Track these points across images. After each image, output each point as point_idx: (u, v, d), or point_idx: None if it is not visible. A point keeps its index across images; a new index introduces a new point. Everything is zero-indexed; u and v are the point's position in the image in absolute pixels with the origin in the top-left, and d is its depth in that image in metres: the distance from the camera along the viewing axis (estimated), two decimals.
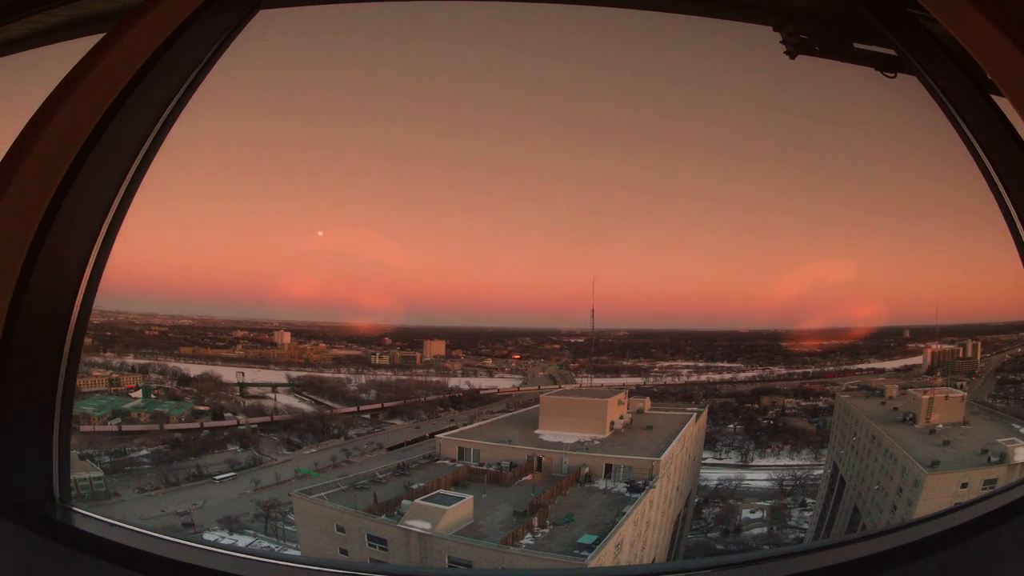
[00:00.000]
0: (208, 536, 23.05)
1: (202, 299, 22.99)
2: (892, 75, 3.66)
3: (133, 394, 22.76)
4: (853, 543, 2.50)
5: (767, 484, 23.66)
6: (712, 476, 22.44)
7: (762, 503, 23.82)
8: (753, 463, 23.16)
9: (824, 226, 24.88)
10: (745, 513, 23.75)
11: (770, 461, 23.20)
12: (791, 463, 23.46)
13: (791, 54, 3.75)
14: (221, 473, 22.06)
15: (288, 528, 21.97)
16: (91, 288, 2.56)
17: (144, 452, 23.17)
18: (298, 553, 20.40)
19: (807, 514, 25.21)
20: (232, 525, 22.89)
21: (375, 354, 20.37)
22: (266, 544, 22.09)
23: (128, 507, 23.84)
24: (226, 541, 22.86)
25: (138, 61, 2.43)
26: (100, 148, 2.41)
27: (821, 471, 24.03)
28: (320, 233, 22.30)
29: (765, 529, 24.15)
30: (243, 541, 22.46)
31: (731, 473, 22.49)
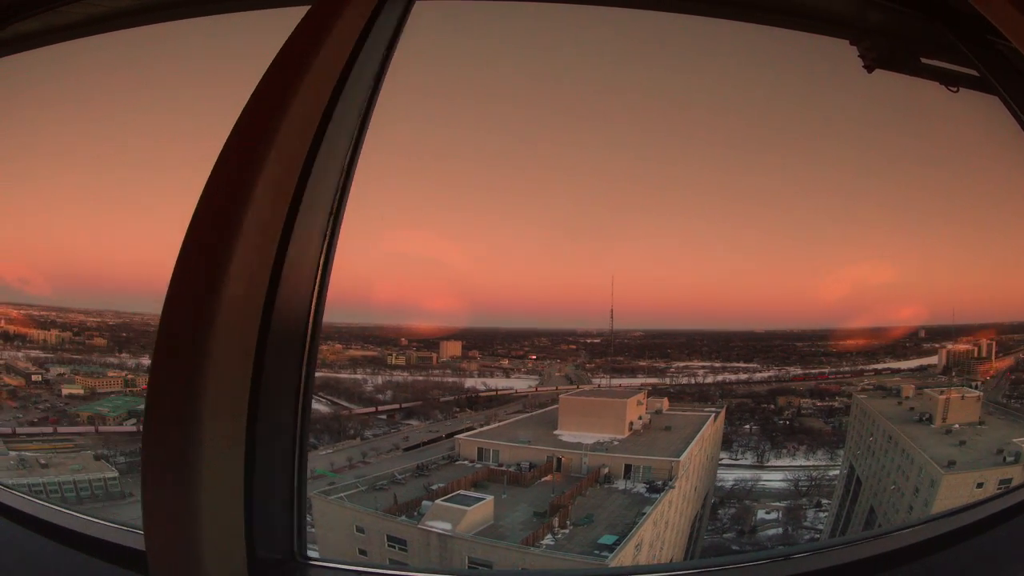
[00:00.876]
0: None
1: None
2: (955, 89, 3.82)
3: None
4: (854, 544, 2.48)
5: (783, 485, 23.57)
6: (728, 476, 22.37)
7: (777, 504, 23.74)
8: (769, 464, 23.07)
9: (841, 226, 24.79)
10: (760, 514, 23.68)
11: (786, 462, 23.10)
12: (806, 464, 23.36)
13: (869, 68, 3.85)
14: None
15: (310, 530, 22.00)
16: (320, 303, 2.42)
17: None
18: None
19: (822, 515, 25.14)
20: None
21: (391, 355, 20.35)
22: None
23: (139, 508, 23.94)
24: None
25: (349, 42, 2.31)
26: (328, 138, 2.31)
27: (837, 471, 23.96)
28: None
29: (780, 530, 24.07)
30: None
31: (747, 474, 22.41)
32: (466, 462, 17.05)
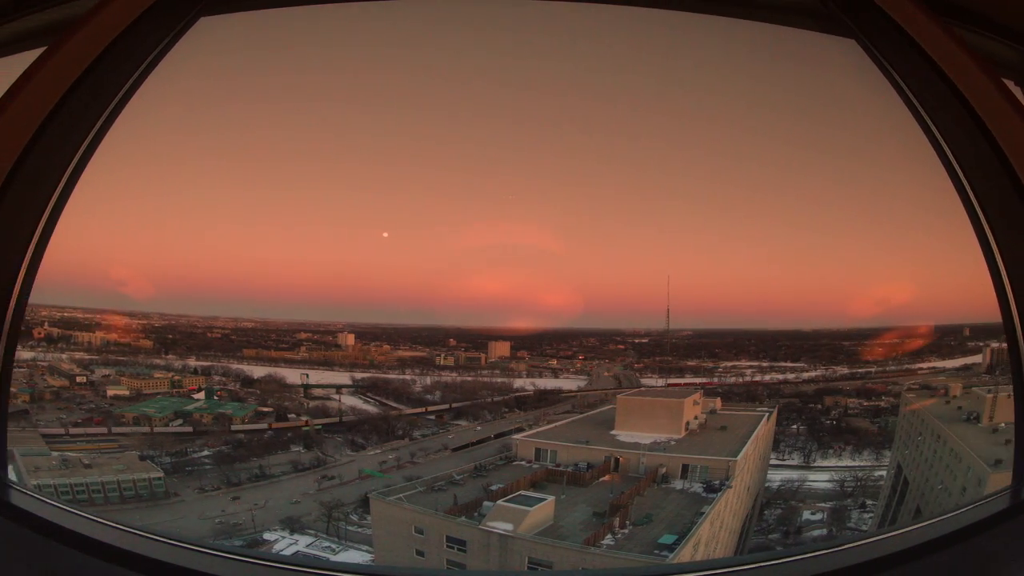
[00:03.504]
0: (268, 536, 23.22)
1: (264, 301, 23.21)
2: None
3: (195, 396, 22.91)
4: (856, 545, 2.43)
5: (829, 485, 23.33)
6: (775, 477, 22.17)
7: (823, 504, 23.51)
8: (815, 464, 22.84)
9: (885, 225, 24.53)
10: (806, 514, 23.46)
11: (832, 462, 22.87)
12: (852, 464, 23.12)
13: None
14: (285, 473, 22.11)
15: (350, 528, 22.01)
16: (23, 295, 2.62)
17: (206, 453, 23.29)
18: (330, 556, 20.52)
19: (866, 516, 24.86)
20: (293, 525, 22.94)
21: (439, 355, 20.33)
22: (327, 544, 22.15)
23: (187, 507, 24.01)
24: (287, 541, 22.96)
25: (75, 72, 2.47)
26: (35, 156, 2.47)
27: (883, 472, 23.69)
28: (385, 234, 22.28)
29: (825, 531, 23.84)
30: (304, 541, 22.54)
31: (794, 474, 22.20)
32: (523, 462, 16.99)
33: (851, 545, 2.38)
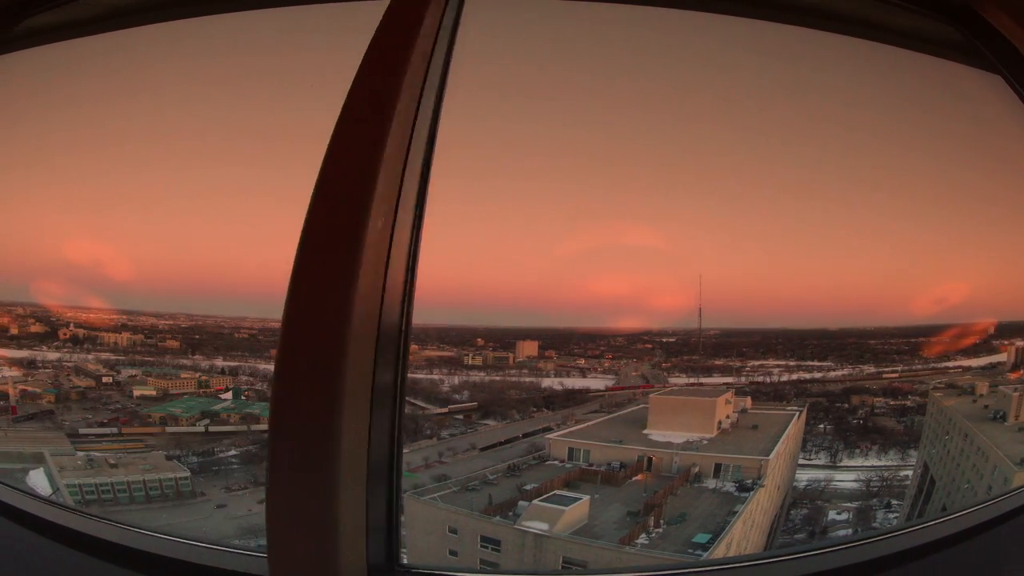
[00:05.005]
0: None
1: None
2: None
3: (223, 396, 23.00)
4: (855, 545, 2.42)
5: (855, 485, 23.24)
6: (801, 476, 22.11)
7: (849, 504, 23.42)
8: (841, 464, 22.76)
9: (912, 222, 24.38)
10: (831, 515, 23.39)
11: (858, 461, 22.78)
12: (879, 464, 23.01)
13: None
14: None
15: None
16: (410, 304, 2.46)
17: (233, 452, 23.38)
18: None
19: (891, 516, 24.76)
20: None
21: (467, 355, 20.37)
22: None
23: (213, 506, 24.13)
24: None
25: (431, 37, 2.36)
26: (416, 137, 2.36)
27: (909, 471, 23.61)
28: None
29: (850, 531, 23.76)
30: None
31: (820, 474, 22.11)
32: (556, 462, 17.03)
33: (851, 545, 2.39)
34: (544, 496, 15.75)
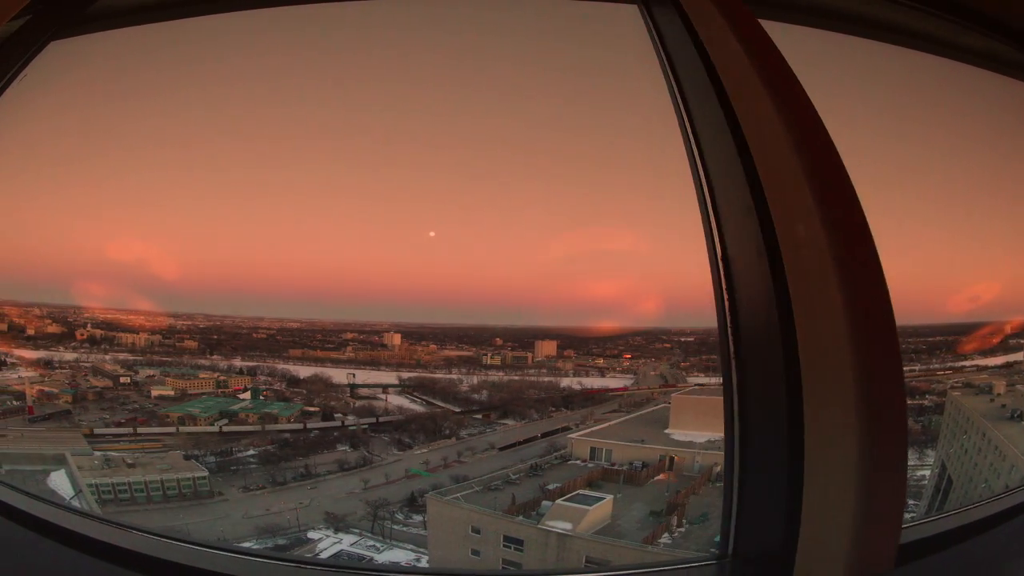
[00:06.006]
0: (312, 535, 23.40)
1: (309, 302, 23.34)
2: None
3: (241, 395, 23.11)
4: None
5: None
6: None
7: None
8: None
9: (927, 218, 24.32)
10: None
11: None
12: None
13: None
14: (330, 473, 22.29)
15: (395, 527, 22.13)
16: None
17: (251, 452, 23.47)
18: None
19: (908, 516, 24.71)
20: (337, 524, 23.09)
21: (486, 355, 20.42)
22: (371, 543, 22.28)
23: (231, 506, 24.24)
24: (331, 540, 23.13)
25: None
26: None
27: (927, 471, 23.52)
28: (432, 234, 22.35)
29: None
30: (348, 540, 22.69)
31: None
32: (578, 461, 17.07)
33: None
34: (567, 496, 15.80)
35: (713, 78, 2.39)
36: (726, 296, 2.73)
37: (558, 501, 15.60)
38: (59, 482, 21.68)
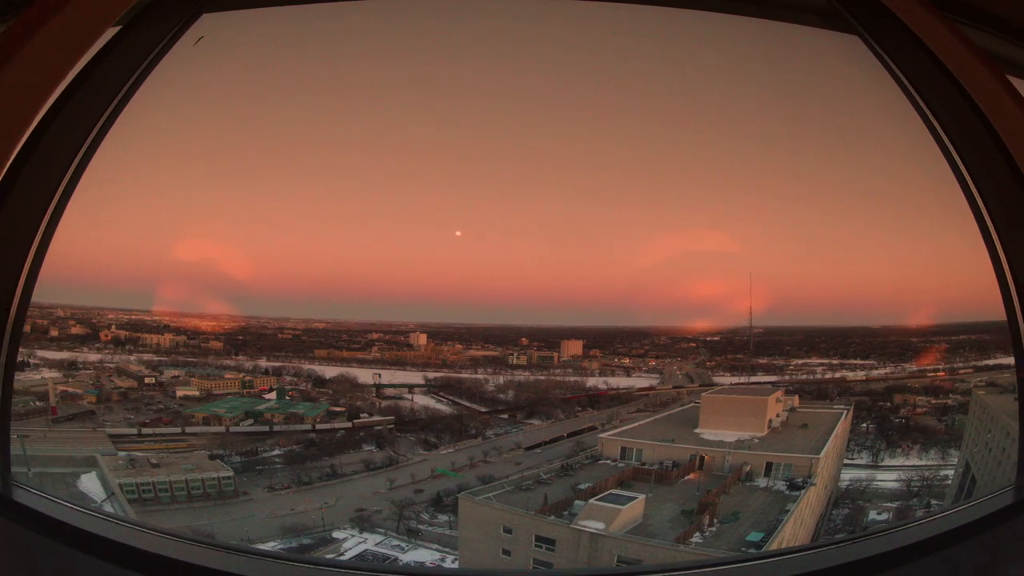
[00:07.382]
0: (338, 535, 23.48)
1: (335, 302, 23.46)
2: None
3: (267, 396, 23.25)
4: (853, 543, 2.44)
5: (896, 485, 23.18)
6: (844, 476, 22.07)
7: (889, 504, 23.36)
8: (883, 463, 22.69)
9: (947, 220, 24.27)
10: (872, 515, 23.33)
11: (899, 461, 22.71)
12: (920, 463, 22.94)
13: None
14: (356, 472, 22.40)
15: (421, 528, 22.21)
16: (25, 297, 2.61)
17: (277, 452, 23.61)
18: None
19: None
20: (363, 524, 23.19)
21: (512, 355, 20.49)
22: (396, 543, 22.35)
23: (256, 506, 24.35)
24: (356, 539, 23.21)
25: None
26: (36, 157, 2.42)
27: (950, 471, 23.48)
28: (458, 233, 22.47)
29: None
30: (373, 540, 22.76)
31: (862, 473, 22.07)
32: (609, 461, 17.10)
33: (851, 543, 2.42)
34: (600, 495, 15.83)
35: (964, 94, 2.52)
36: (1015, 295, 2.85)
37: (591, 500, 15.62)
38: (90, 484, 21.84)
